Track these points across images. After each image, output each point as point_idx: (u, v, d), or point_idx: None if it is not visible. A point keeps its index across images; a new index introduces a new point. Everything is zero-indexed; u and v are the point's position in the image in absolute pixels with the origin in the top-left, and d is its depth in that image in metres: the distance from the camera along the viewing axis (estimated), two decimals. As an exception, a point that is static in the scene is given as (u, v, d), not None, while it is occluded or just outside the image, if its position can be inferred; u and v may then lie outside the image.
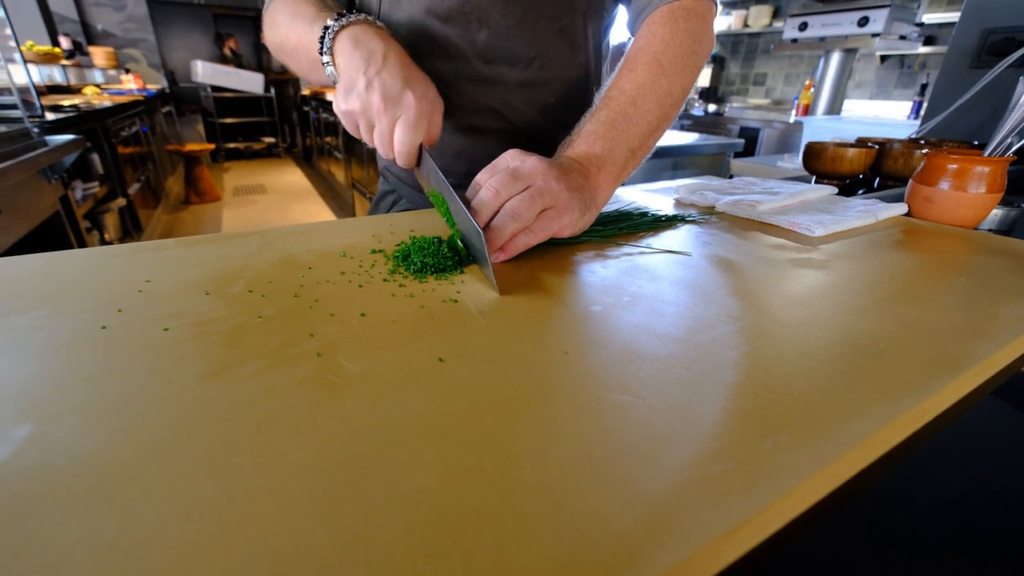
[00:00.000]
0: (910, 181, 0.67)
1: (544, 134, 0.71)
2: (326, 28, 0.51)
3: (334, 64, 0.51)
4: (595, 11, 0.66)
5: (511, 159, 0.46)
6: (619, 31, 0.73)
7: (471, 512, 0.19)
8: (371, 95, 0.47)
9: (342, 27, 0.50)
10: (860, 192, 0.91)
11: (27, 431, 0.23)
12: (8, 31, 1.72)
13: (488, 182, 0.43)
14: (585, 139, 0.51)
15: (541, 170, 0.44)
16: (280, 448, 0.22)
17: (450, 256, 0.44)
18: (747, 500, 0.20)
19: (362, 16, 0.52)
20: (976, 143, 1.00)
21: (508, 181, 0.43)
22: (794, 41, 3.13)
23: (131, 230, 2.71)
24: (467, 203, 0.44)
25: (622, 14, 0.70)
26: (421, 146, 0.49)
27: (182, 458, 0.22)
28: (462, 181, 0.74)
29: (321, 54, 0.51)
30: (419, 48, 0.65)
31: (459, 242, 0.45)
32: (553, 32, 0.64)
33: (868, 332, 0.35)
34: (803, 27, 3.04)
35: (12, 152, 1.37)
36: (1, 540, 0.18)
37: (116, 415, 0.24)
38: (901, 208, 0.66)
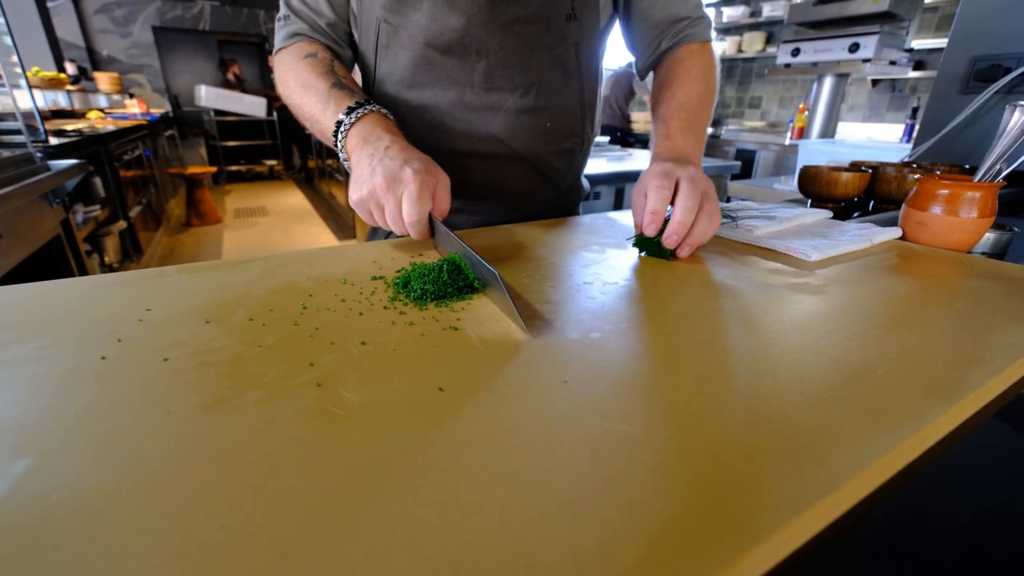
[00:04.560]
0: (903, 205, 0.68)
1: (541, 158, 0.73)
2: (339, 123, 0.57)
3: (348, 156, 0.57)
4: (586, 41, 0.69)
5: (675, 171, 0.55)
6: (613, 58, 0.76)
7: (472, 548, 0.19)
8: (375, 179, 0.50)
9: (353, 123, 0.56)
10: (855, 215, 0.92)
11: (24, 466, 0.23)
12: (14, 58, 1.75)
13: (682, 204, 0.52)
14: (682, 136, 0.63)
15: (701, 179, 0.54)
16: (279, 482, 0.22)
17: (450, 283, 0.44)
18: (747, 532, 0.20)
19: (371, 108, 0.58)
20: (967, 166, 1.01)
21: (695, 196, 0.52)
22: (787, 66, 3.19)
23: (131, 253, 2.72)
24: (662, 229, 0.53)
25: (614, 43, 0.74)
26: (433, 217, 0.51)
27: (180, 493, 0.22)
28: (463, 206, 0.76)
29: (336, 146, 0.58)
30: (420, 78, 0.66)
31: (476, 282, 0.45)
32: (548, 61, 0.67)
33: (866, 358, 0.35)
34: (796, 53, 3.11)
35: (15, 177, 1.39)
36: (-3, 580, 0.18)
37: (115, 449, 0.24)
38: (895, 232, 0.66)
